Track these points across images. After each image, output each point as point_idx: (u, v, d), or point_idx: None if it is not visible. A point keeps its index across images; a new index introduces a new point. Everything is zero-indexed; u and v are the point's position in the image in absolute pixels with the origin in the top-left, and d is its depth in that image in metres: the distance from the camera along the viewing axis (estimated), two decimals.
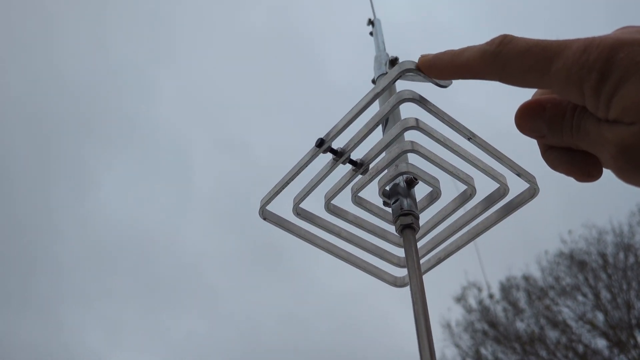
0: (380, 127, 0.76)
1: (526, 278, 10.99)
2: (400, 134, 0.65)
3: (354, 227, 0.76)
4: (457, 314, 11.42)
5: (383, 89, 0.62)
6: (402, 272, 0.82)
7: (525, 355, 10.49)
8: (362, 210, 0.73)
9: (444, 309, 11.38)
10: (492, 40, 0.37)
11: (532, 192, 0.71)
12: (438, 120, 0.66)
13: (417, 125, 0.64)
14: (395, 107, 0.63)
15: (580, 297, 10.50)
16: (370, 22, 1.06)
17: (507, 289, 11.15)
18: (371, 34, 1.02)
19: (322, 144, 0.67)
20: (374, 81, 0.90)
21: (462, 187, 0.72)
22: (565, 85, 0.33)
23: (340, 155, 0.68)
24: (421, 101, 0.63)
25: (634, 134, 0.31)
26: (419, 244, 0.77)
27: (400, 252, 0.80)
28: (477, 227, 0.74)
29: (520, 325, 10.83)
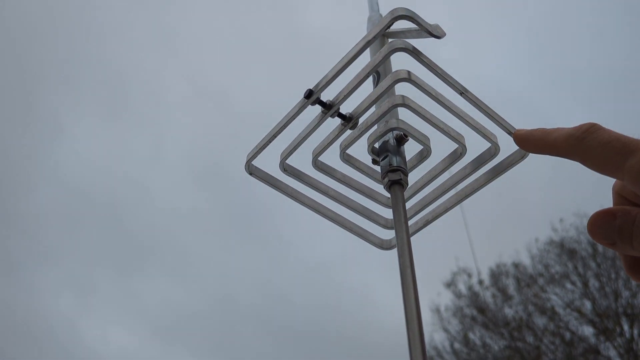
0: (371, 81, 0.74)
1: (516, 265, 11.08)
2: (391, 86, 0.63)
3: (342, 186, 0.75)
4: (446, 299, 11.51)
5: (375, 37, 0.60)
6: (389, 235, 0.81)
7: (512, 341, 10.60)
8: (351, 168, 0.72)
9: (434, 294, 11.46)
10: (581, 126, 0.41)
11: (522, 153, 0.69)
12: (430, 75, 0.65)
13: (409, 78, 0.62)
14: (387, 57, 0.62)
15: (569, 285, 10.60)
16: None
17: (496, 275, 11.24)
18: None
19: (310, 95, 0.66)
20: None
21: (453, 146, 0.71)
22: (635, 181, 0.37)
23: (329, 108, 0.66)
24: (414, 52, 0.61)
25: None
26: (407, 205, 0.76)
27: (388, 214, 0.79)
28: (466, 189, 0.73)
29: (508, 312, 10.94)
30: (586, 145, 0.40)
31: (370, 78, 0.72)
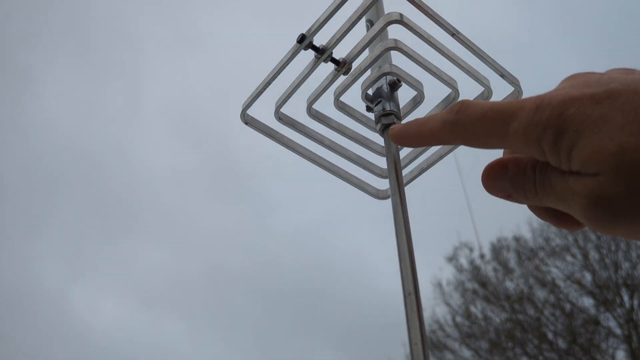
0: (364, 25, 0.74)
1: (517, 239, 11.13)
2: (383, 29, 0.64)
3: (337, 134, 0.75)
4: (448, 273, 11.60)
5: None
6: (385, 184, 0.82)
7: (513, 314, 10.71)
8: (345, 116, 0.72)
9: (435, 269, 11.54)
10: (451, 108, 0.39)
11: (515, 95, 0.70)
12: (422, 18, 0.65)
13: (401, 20, 0.63)
14: (370, 4, 0.62)
15: (569, 258, 10.66)
16: None
17: (497, 249, 11.30)
18: None
19: (303, 40, 0.66)
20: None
21: (447, 91, 0.71)
22: (525, 144, 0.35)
23: (322, 53, 0.66)
24: None
25: (601, 185, 0.32)
26: (402, 154, 0.77)
27: (383, 163, 0.80)
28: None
29: (509, 285, 11.02)
30: (463, 126, 0.38)
31: (364, 23, 0.72)
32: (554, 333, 10.31)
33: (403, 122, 0.72)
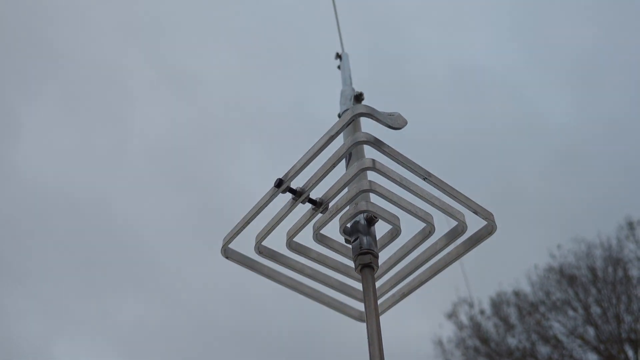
0: (344, 164, 0.77)
1: (516, 293, 11.00)
2: (357, 174, 0.66)
3: (317, 264, 0.77)
4: (448, 330, 11.38)
5: (337, 133, 0.63)
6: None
7: None
8: (325, 248, 0.74)
9: (435, 326, 11.33)
10: None
11: (489, 229, 0.72)
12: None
13: (374, 167, 0.65)
14: (350, 149, 0.65)
15: (570, 312, 10.51)
16: (338, 56, 1.07)
17: (497, 304, 11.14)
18: (339, 67, 1.04)
19: (281, 184, 0.68)
20: (339, 115, 0.91)
21: (422, 225, 0.73)
22: None
23: (299, 195, 0.69)
24: (376, 143, 0.64)
25: None
26: (383, 279, 0.78)
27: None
28: (438, 263, 0.75)
29: (511, 341, 10.81)
30: None
31: (343, 163, 0.75)
32: None
33: (385, 251, 0.73)
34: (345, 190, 0.68)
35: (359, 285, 0.78)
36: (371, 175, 0.69)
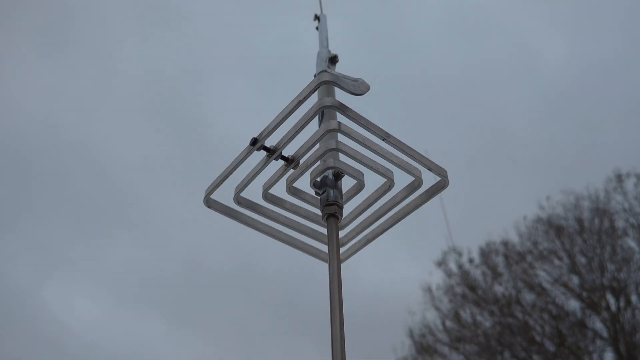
0: (317, 122, 0.85)
1: (505, 243, 11.27)
2: (325, 135, 0.74)
3: (291, 214, 0.86)
4: (437, 278, 11.72)
5: (304, 98, 0.71)
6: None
7: (502, 317, 10.85)
8: (297, 199, 0.83)
9: (425, 274, 11.66)
10: None
11: (442, 184, 0.81)
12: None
13: (339, 129, 0.74)
14: (317, 112, 0.73)
15: (556, 261, 10.82)
16: (317, 18, 1.13)
17: (486, 253, 11.44)
18: (317, 29, 1.10)
19: (255, 143, 0.77)
20: (315, 75, 0.98)
21: (383, 180, 0.82)
22: None
23: (272, 153, 0.77)
24: (340, 108, 0.72)
25: None
26: (350, 228, 0.88)
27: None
28: (398, 213, 0.85)
29: (498, 289, 11.16)
30: None
31: (316, 121, 0.83)
32: (542, 336, 10.46)
33: (351, 202, 0.83)
34: (316, 148, 0.77)
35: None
36: (340, 136, 0.77)
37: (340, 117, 0.75)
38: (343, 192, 0.81)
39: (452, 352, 11.07)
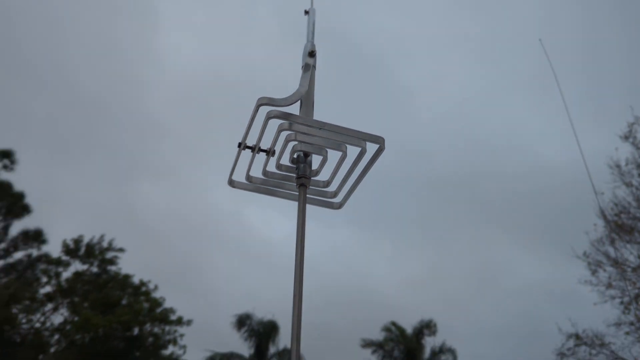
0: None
1: None
2: (280, 131, 1.06)
3: (282, 181, 1.20)
4: (625, 152, 10.75)
5: (251, 119, 1.03)
6: (336, 200, 1.25)
7: None
8: (283, 172, 1.17)
9: (611, 150, 10.78)
10: None
11: (381, 149, 1.07)
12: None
13: (290, 128, 1.04)
14: (266, 122, 1.04)
15: None
16: (306, 12, 1.34)
17: None
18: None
19: (240, 145, 1.11)
20: (302, 67, 1.26)
21: (339, 153, 1.11)
22: None
23: (253, 149, 1.11)
24: (284, 117, 1.03)
25: None
26: (331, 188, 1.19)
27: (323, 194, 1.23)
28: (355, 174, 1.14)
29: None
30: None
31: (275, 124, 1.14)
32: None
33: (324, 170, 1.14)
34: (280, 140, 1.09)
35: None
36: (294, 131, 1.08)
37: (292, 118, 1.05)
38: (312, 167, 1.12)
39: None
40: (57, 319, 14.08)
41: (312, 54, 1.23)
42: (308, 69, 1.17)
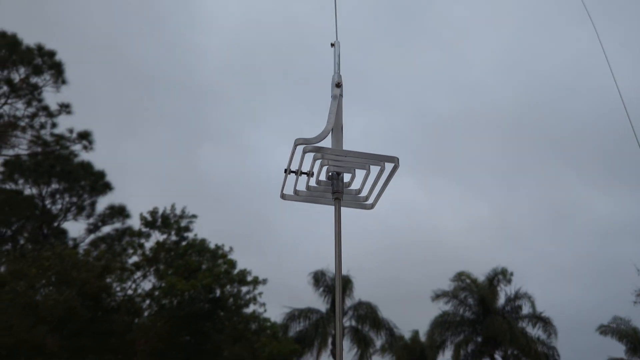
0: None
1: None
2: (315, 160, 1.36)
3: (323, 192, 1.51)
4: None
5: (290, 159, 1.34)
6: (368, 207, 1.56)
7: None
8: (322, 186, 1.48)
9: None
10: None
11: (397, 166, 1.36)
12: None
13: (322, 157, 1.34)
14: (303, 155, 1.34)
15: None
16: (332, 45, 1.58)
17: None
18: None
19: (286, 171, 1.43)
20: (332, 96, 1.54)
21: (364, 172, 1.41)
22: None
23: (297, 173, 1.42)
24: (315, 149, 1.33)
25: None
26: (363, 193, 1.49)
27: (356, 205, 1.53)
28: (379, 184, 1.42)
29: None
30: None
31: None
32: None
33: (354, 181, 1.45)
34: (316, 165, 1.40)
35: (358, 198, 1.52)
36: (324, 159, 1.39)
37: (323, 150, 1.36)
38: (344, 182, 1.43)
39: None
40: (147, 285, 15.30)
41: (338, 85, 1.50)
42: (335, 99, 1.45)
